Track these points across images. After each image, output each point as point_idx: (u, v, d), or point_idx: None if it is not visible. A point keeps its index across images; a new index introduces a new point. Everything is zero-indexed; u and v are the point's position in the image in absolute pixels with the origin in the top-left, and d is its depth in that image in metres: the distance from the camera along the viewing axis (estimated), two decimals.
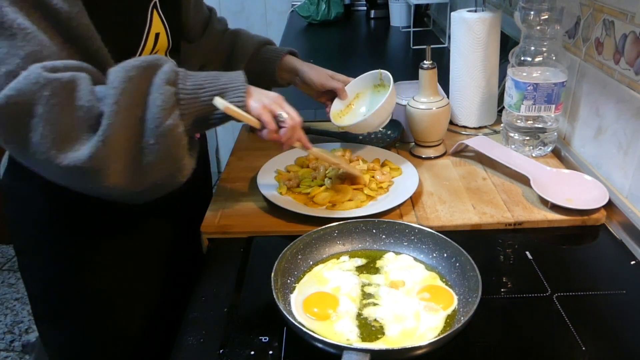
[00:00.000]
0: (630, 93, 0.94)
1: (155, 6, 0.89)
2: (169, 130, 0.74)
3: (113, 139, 0.71)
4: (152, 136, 0.73)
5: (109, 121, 0.70)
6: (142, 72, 0.74)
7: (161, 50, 0.94)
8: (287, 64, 1.15)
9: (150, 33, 0.89)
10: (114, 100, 0.70)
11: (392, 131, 1.25)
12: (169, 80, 0.75)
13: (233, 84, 0.80)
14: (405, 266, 0.82)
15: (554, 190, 0.98)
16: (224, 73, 0.82)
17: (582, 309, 0.77)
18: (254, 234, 0.94)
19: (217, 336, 0.73)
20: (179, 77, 0.76)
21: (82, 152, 0.70)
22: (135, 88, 0.73)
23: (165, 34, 0.93)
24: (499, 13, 1.23)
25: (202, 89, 0.78)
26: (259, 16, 3.04)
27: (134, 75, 0.72)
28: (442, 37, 2.21)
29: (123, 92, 0.71)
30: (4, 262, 2.62)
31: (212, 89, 0.79)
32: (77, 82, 0.71)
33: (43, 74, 0.68)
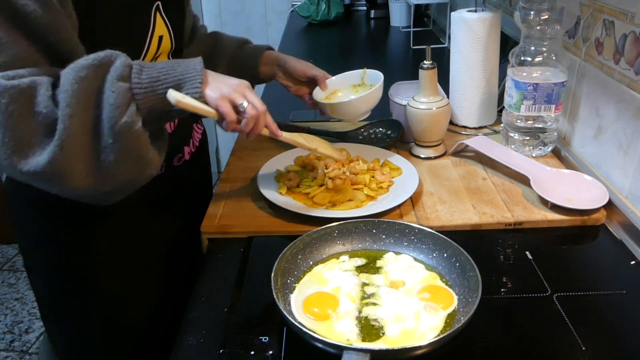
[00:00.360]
0: (630, 93, 0.94)
1: (159, 8, 0.89)
2: (126, 127, 0.72)
3: (70, 143, 0.70)
4: (110, 135, 0.72)
5: (64, 125, 0.69)
6: (93, 71, 0.72)
7: (164, 53, 0.94)
8: (268, 57, 1.15)
9: (154, 36, 0.88)
10: (66, 103, 0.70)
11: (392, 131, 1.25)
12: (122, 76, 0.72)
13: (189, 74, 0.77)
14: (405, 266, 0.82)
15: (554, 190, 0.98)
16: (181, 62, 0.78)
17: (582, 309, 0.77)
18: (254, 234, 0.94)
19: (217, 336, 0.73)
20: (132, 71, 0.74)
21: (41, 157, 0.70)
22: (87, 88, 0.71)
23: (169, 36, 0.93)
24: (499, 13, 1.23)
25: (158, 82, 0.75)
26: (259, 16, 3.04)
27: (84, 76, 0.71)
28: (442, 37, 2.21)
29: (74, 94, 0.70)
30: (4, 262, 2.63)
31: (168, 81, 0.76)
32: (36, 88, 0.70)
33: (1, 81, 0.68)
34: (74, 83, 0.70)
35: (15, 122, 0.69)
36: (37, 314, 2.28)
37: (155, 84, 0.75)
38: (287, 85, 1.18)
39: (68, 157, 0.70)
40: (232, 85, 0.81)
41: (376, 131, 1.27)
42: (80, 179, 0.73)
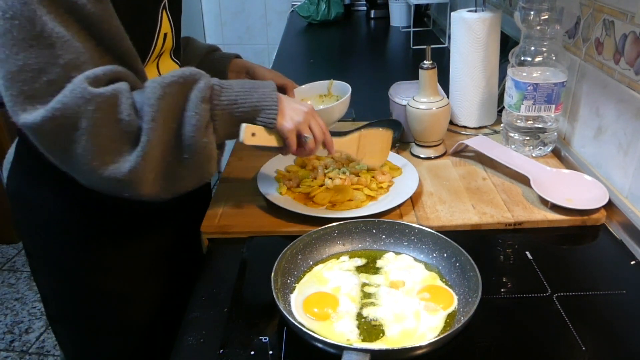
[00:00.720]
0: (630, 93, 0.94)
1: (165, 6, 0.90)
2: (203, 147, 0.76)
3: (151, 154, 0.73)
4: (188, 152, 0.76)
5: (148, 138, 0.72)
6: (179, 89, 0.75)
7: (167, 51, 0.94)
8: (236, 64, 1.16)
9: (160, 33, 0.89)
10: (151, 117, 0.72)
11: (392, 131, 1.25)
12: (205, 98, 0.76)
13: (266, 102, 0.81)
14: (405, 266, 0.82)
15: (554, 190, 0.98)
16: (256, 86, 0.82)
17: (582, 309, 0.77)
18: (254, 234, 0.94)
19: (217, 336, 0.73)
20: (214, 92, 0.78)
21: (122, 165, 0.73)
22: (171, 104, 0.74)
23: (172, 34, 0.93)
24: (499, 13, 1.23)
25: (235, 105, 0.80)
26: (259, 16, 3.04)
27: (170, 92, 0.74)
28: (442, 37, 2.21)
29: (160, 109, 0.73)
30: (4, 262, 2.63)
31: (245, 106, 0.80)
32: (119, 97, 0.72)
33: (88, 88, 0.70)
34: (160, 98, 0.73)
35: (100, 129, 0.71)
36: (37, 314, 2.28)
37: (234, 106, 0.80)
38: None
39: (147, 167, 0.74)
40: (303, 114, 0.85)
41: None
42: (151, 186, 0.76)
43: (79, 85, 0.70)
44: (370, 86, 1.70)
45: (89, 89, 0.70)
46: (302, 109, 0.86)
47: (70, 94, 0.70)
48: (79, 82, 0.70)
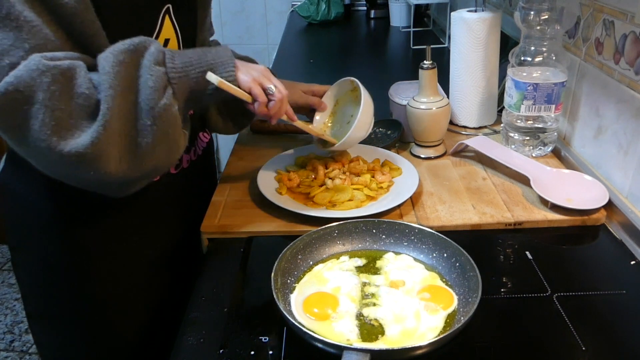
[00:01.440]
0: (630, 93, 0.94)
1: (169, 12, 0.88)
2: (164, 110, 0.75)
3: (112, 124, 0.71)
4: (148, 117, 0.74)
5: (107, 105, 0.71)
6: (131, 55, 0.74)
7: None
8: None
9: (160, 38, 0.88)
10: (109, 84, 0.71)
11: (392, 131, 1.25)
12: (157, 61, 0.75)
13: (221, 59, 0.81)
14: (405, 266, 0.82)
15: (554, 190, 0.98)
16: (211, 48, 0.83)
17: (582, 309, 0.77)
18: (254, 234, 0.94)
19: (217, 336, 0.73)
20: (166, 56, 0.77)
21: (82, 138, 0.70)
22: (126, 71, 0.73)
23: (177, 41, 0.92)
24: (499, 13, 1.23)
25: (191, 66, 0.78)
26: (259, 16, 3.04)
27: (122, 60, 0.73)
28: (442, 37, 2.21)
29: (116, 76, 0.72)
30: (4, 262, 2.63)
31: (201, 66, 0.79)
32: (76, 70, 0.71)
33: (43, 61, 0.69)
34: (115, 66, 0.72)
35: (56, 102, 0.69)
36: None
37: (189, 68, 0.78)
38: None
39: (109, 139, 0.72)
40: (259, 70, 0.86)
41: (376, 131, 1.27)
42: (116, 163, 0.74)
43: (34, 59, 0.69)
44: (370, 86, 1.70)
45: (43, 61, 0.69)
46: (259, 67, 0.87)
47: (24, 67, 0.68)
48: (34, 56, 0.69)
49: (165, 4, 0.88)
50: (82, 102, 0.71)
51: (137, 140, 0.75)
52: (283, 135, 1.29)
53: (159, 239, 1.00)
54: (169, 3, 0.88)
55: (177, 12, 0.90)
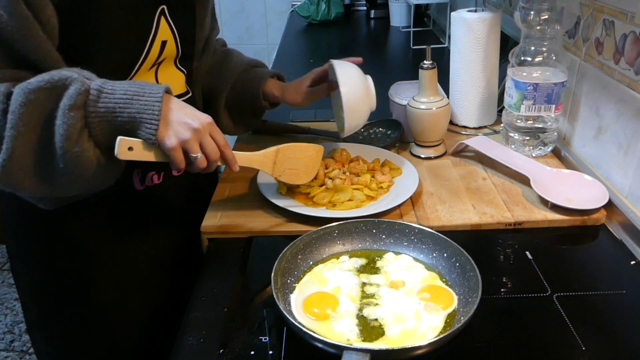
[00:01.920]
0: (630, 93, 0.94)
1: (164, 12, 0.87)
2: (76, 156, 0.71)
3: (16, 162, 0.70)
4: (62, 161, 0.72)
5: (7, 146, 0.69)
6: (46, 94, 0.70)
7: (169, 59, 0.92)
8: (271, 87, 1.11)
9: (156, 40, 0.86)
10: (11, 124, 0.69)
11: (392, 131, 1.25)
12: (75, 105, 0.70)
13: (147, 113, 0.73)
14: (405, 266, 0.82)
15: (554, 190, 0.98)
16: (140, 93, 0.73)
17: (582, 309, 0.77)
18: (254, 234, 0.94)
19: (217, 336, 0.73)
20: (89, 99, 0.71)
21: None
22: (36, 112, 0.70)
23: (174, 42, 0.90)
24: (499, 13, 1.23)
25: (114, 114, 0.73)
26: (259, 16, 3.04)
27: (34, 99, 0.69)
28: (442, 37, 2.21)
29: (21, 117, 0.69)
30: (4, 262, 2.62)
31: (124, 115, 0.73)
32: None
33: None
34: (22, 106, 0.69)
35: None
36: None
37: (111, 115, 0.73)
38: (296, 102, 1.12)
39: (15, 174, 0.71)
40: (192, 132, 0.76)
41: (376, 131, 1.27)
42: (32, 189, 0.74)
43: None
44: None
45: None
46: (192, 124, 0.76)
47: None
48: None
49: (160, 5, 0.86)
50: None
51: (52, 176, 0.73)
52: (283, 135, 1.29)
53: (159, 239, 1.00)
54: (164, 4, 0.87)
55: (173, 12, 0.88)
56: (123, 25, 0.82)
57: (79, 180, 0.75)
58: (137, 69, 0.86)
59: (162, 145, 0.75)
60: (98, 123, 0.72)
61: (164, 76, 0.92)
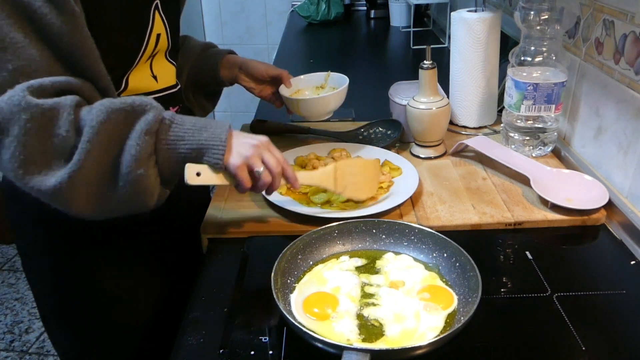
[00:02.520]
0: (630, 93, 0.94)
1: (157, 7, 0.89)
2: (139, 178, 0.74)
3: (81, 175, 0.72)
4: (123, 180, 0.74)
5: (79, 157, 0.71)
6: (125, 116, 0.74)
7: (161, 51, 0.94)
8: (228, 60, 1.15)
9: (152, 34, 0.89)
10: (88, 138, 0.71)
11: (392, 131, 1.25)
12: (150, 130, 0.74)
13: (214, 141, 0.78)
14: (405, 266, 0.82)
15: (554, 190, 0.98)
16: (209, 125, 0.79)
17: (582, 309, 0.77)
18: (254, 234, 0.94)
19: (217, 336, 0.73)
20: (162, 126, 0.76)
21: (48, 179, 0.72)
22: (114, 130, 0.73)
23: (166, 35, 0.93)
24: (499, 13, 1.23)
25: (182, 141, 0.77)
26: (259, 16, 3.04)
27: (115, 118, 0.73)
28: (442, 37, 2.21)
29: (99, 133, 0.72)
30: (4, 262, 2.63)
31: (192, 143, 0.77)
32: (59, 111, 0.71)
33: (26, 97, 0.69)
34: (102, 122, 0.72)
35: (30, 138, 0.70)
36: (37, 314, 2.28)
37: (179, 142, 0.77)
38: (251, 88, 1.19)
39: (75, 188, 0.72)
40: (254, 148, 0.81)
41: (376, 131, 1.27)
42: (80, 206, 0.75)
43: (18, 93, 0.70)
44: (370, 86, 1.70)
45: (27, 97, 0.70)
46: (252, 142, 0.82)
47: (8, 99, 0.70)
48: (20, 89, 0.70)
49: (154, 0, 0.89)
50: (58, 143, 0.72)
51: (107, 193, 0.75)
52: (283, 135, 1.29)
53: (159, 237, 1.01)
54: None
55: (165, 5, 0.91)
56: (124, 22, 0.83)
57: (130, 202, 0.77)
58: (137, 62, 0.88)
59: (228, 166, 0.80)
60: (167, 150, 0.77)
61: (157, 68, 0.94)
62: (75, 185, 0.72)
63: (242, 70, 1.16)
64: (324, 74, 1.23)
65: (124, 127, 0.74)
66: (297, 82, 1.21)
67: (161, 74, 0.95)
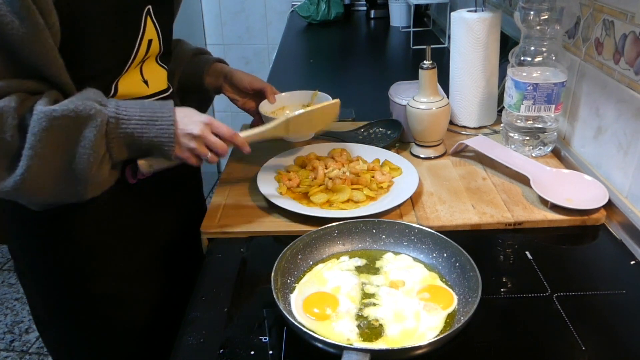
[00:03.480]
0: (630, 93, 0.94)
1: (149, 12, 0.89)
2: (95, 179, 0.79)
3: (31, 181, 0.75)
4: (79, 180, 0.78)
5: (26, 163, 0.74)
6: (70, 122, 0.75)
7: (152, 56, 0.94)
8: (215, 69, 1.15)
9: (144, 39, 0.89)
10: (30, 145, 0.73)
11: (392, 131, 1.25)
12: (99, 134, 0.77)
13: (162, 138, 0.82)
14: (405, 266, 0.82)
15: (554, 190, 0.98)
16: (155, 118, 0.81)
17: (582, 309, 0.77)
18: (254, 234, 0.94)
19: (217, 336, 0.73)
20: (109, 127, 0.78)
21: (6, 182, 0.75)
22: (59, 137, 0.75)
23: (158, 40, 0.93)
24: (499, 13, 1.23)
25: (132, 137, 0.80)
26: (259, 16, 3.04)
27: (57, 125, 0.74)
28: (442, 37, 2.21)
29: (41, 140, 0.73)
30: (4, 262, 2.62)
31: (142, 140, 0.81)
32: (2, 115, 0.72)
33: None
34: (45, 130, 0.73)
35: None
36: None
37: (130, 139, 0.81)
38: (234, 99, 1.18)
39: (32, 187, 0.76)
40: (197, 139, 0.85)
41: (376, 131, 1.27)
42: (46, 197, 0.80)
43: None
44: (370, 86, 1.71)
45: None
46: (194, 131, 0.84)
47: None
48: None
49: (147, 5, 0.88)
50: (4, 147, 0.74)
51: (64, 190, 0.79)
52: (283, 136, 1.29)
53: (156, 235, 1.00)
54: (150, 4, 0.89)
55: (157, 11, 0.91)
56: (114, 28, 0.83)
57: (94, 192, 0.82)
58: (127, 68, 0.88)
59: (177, 157, 0.85)
60: (118, 147, 0.80)
61: (148, 72, 0.94)
62: (31, 185, 0.75)
63: (227, 81, 1.15)
64: (311, 92, 1.21)
65: (72, 134, 0.76)
66: (282, 99, 1.19)
67: (152, 79, 0.95)
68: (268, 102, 1.17)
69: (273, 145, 1.17)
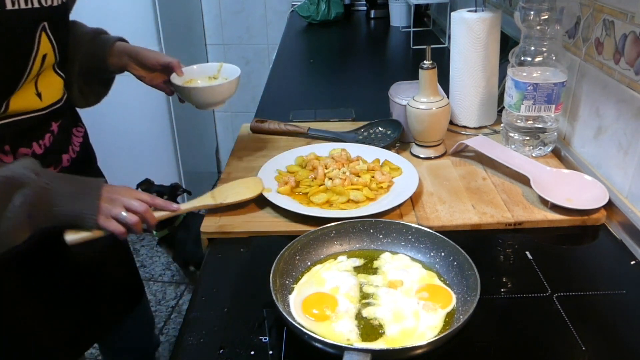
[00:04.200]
0: (630, 93, 0.94)
1: (44, 28, 0.89)
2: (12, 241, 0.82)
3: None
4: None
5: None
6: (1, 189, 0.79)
7: (48, 67, 0.93)
8: (117, 48, 1.12)
9: (38, 56, 0.89)
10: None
11: (392, 131, 1.25)
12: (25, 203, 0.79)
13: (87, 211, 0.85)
14: (403, 265, 0.82)
15: (554, 190, 0.98)
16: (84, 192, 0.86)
17: (582, 309, 0.77)
18: (254, 234, 0.94)
19: (217, 336, 0.73)
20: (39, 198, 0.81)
21: None
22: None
23: (53, 52, 0.92)
24: (499, 13, 1.23)
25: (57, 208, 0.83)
26: (259, 16, 3.04)
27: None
28: (442, 37, 2.21)
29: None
30: None
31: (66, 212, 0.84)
32: None
33: None
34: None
35: None
36: None
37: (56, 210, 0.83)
38: (141, 76, 1.15)
39: None
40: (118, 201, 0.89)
41: (376, 131, 1.27)
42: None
43: None
44: (370, 86, 1.71)
45: None
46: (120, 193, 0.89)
47: None
48: None
49: (41, 22, 0.88)
50: None
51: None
52: (283, 136, 1.29)
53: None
54: (45, 21, 0.88)
55: (53, 25, 0.90)
56: (4, 48, 0.83)
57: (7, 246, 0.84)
58: (20, 86, 0.88)
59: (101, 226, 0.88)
60: (43, 216, 0.83)
61: (43, 85, 0.94)
62: None
63: (132, 59, 1.12)
64: (217, 64, 1.21)
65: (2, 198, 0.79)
66: (190, 72, 1.18)
67: (47, 91, 0.95)
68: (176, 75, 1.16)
69: (273, 145, 1.18)
